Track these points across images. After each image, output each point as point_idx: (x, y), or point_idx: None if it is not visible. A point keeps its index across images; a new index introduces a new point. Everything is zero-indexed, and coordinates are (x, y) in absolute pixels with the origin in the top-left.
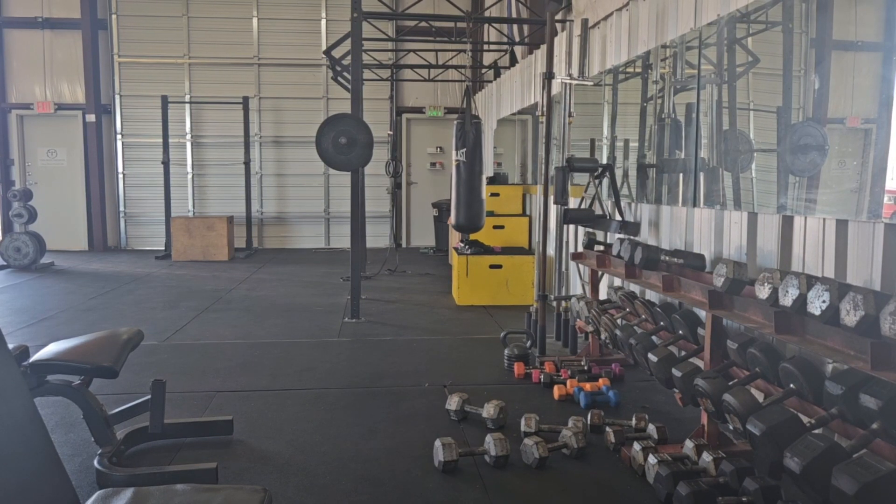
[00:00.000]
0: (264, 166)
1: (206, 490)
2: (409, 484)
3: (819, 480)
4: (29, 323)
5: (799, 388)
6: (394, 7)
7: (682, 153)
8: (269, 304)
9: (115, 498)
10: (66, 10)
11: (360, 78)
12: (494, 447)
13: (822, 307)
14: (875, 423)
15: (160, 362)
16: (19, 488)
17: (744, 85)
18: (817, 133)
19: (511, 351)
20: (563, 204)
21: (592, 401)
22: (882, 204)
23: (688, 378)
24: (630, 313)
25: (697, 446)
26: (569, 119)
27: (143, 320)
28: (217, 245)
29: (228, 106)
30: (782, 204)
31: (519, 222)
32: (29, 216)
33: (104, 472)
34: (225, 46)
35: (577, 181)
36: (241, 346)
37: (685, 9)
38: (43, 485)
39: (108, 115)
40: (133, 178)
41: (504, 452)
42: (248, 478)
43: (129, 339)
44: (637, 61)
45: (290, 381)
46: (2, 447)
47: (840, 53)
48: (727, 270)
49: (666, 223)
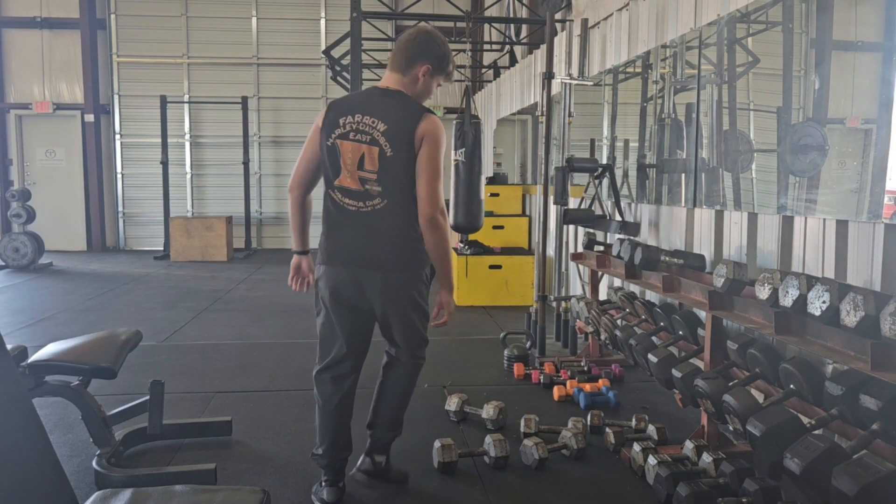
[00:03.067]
0: (263, 166)
1: (205, 491)
2: (408, 484)
3: (819, 481)
4: (27, 323)
5: (799, 388)
6: (393, 7)
7: (683, 153)
8: (268, 305)
9: (113, 499)
10: (64, 10)
11: (360, 78)
12: (494, 448)
13: (822, 308)
14: (875, 424)
15: (159, 363)
16: (17, 489)
17: (744, 85)
18: (817, 133)
19: (511, 352)
20: (563, 204)
21: (592, 401)
22: (882, 204)
23: (688, 379)
24: (630, 314)
25: (697, 447)
26: (568, 119)
27: (142, 321)
28: (216, 245)
29: (227, 106)
30: (782, 204)
31: (518, 222)
32: (27, 216)
33: (103, 472)
34: (224, 46)
35: (577, 181)
36: (240, 347)
37: (685, 9)
38: (41, 485)
39: (106, 115)
40: (132, 178)
41: (503, 453)
42: (247, 479)
43: (127, 340)
44: (637, 61)
45: (289, 382)
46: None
47: (840, 54)
48: (727, 271)
49: (666, 223)
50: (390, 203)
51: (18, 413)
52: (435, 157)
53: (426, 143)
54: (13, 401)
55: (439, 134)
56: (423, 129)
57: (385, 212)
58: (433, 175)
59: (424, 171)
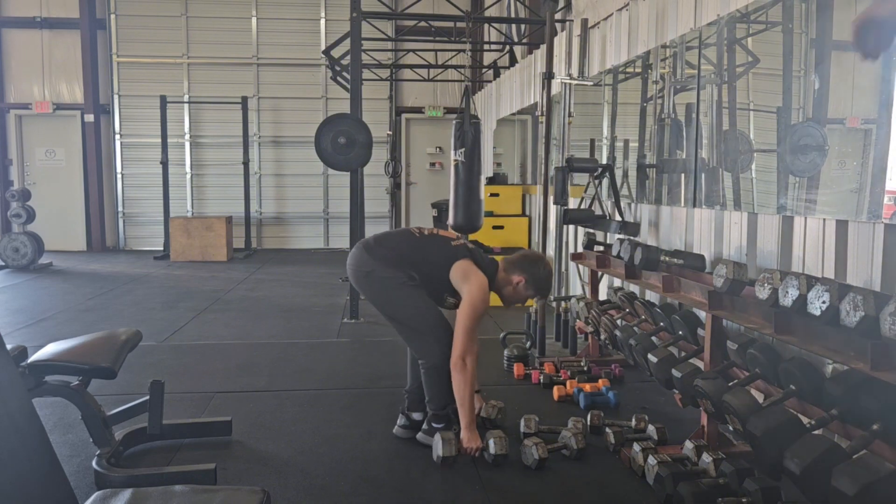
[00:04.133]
0: (263, 166)
1: (205, 491)
2: (408, 485)
3: (819, 481)
4: (27, 323)
5: (799, 388)
6: (393, 7)
7: (682, 153)
8: (268, 305)
9: (113, 499)
10: (64, 10)
11: (360, 78)
12: (494, 445)
13: (822, 308)
14: (875, 424)
15: (159, 363)
16: (17, 489)
17: (744, 85)
18: (817, 133)
19: (510, 352)
20: (563, 204)
21: (592, 402)
22: (882, 204)
23: (687, 379)
24: (630, 314)
25: (697, 447)
26: (568, 119)
27: (142, 321)
28: (216, 245)
29: (227, 106)
30: (782, 204)
31: (518, 223)
32: (27, 216)
33: (102, 472)
34: (224, 46)
35: (577, 181)
36: (240, 347)
37: (685, 9)
38: (41, 485)
39: (106, 115)
40: (131, 178)
41: (503, 451)
42: (247, 479)
43: (127, 340)
44: (637, 61)
45: (288, 382)
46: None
47: (840, 54)
48: (727, 271)
49: (666, 223)
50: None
51: (18, 413)
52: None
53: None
54: (13, 401)
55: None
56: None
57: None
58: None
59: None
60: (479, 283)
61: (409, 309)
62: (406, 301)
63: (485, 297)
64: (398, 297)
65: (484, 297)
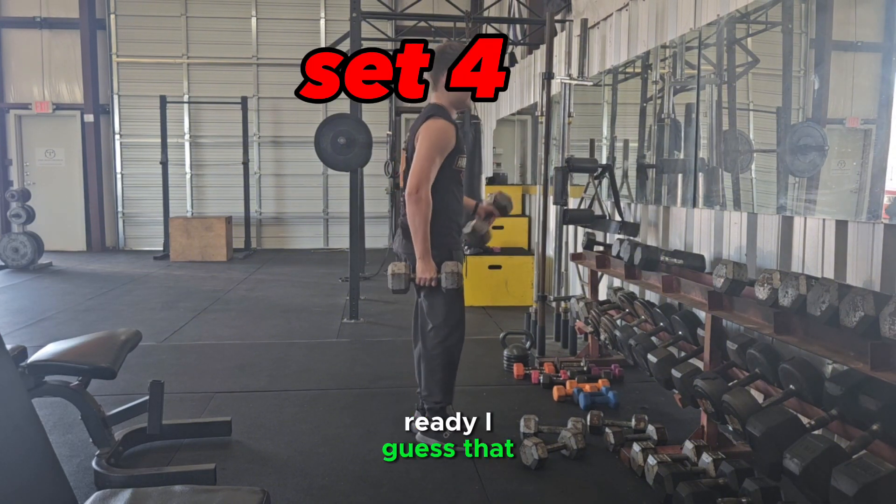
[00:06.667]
0: (263, 166)
1: (205, 491)
2: (408, 485)
3: (819, 481)
4: (27, 323)
5: (798, 389)
6: (393, 7)
7: (682, 154)
8: (268, 305)
9: (113, 499)
10: (64, 10)
11: None
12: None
13: (821, 308)
14: (875, 425)
15: (158, 363)
16: (17, 489)
17: (743, 85)
18: (817, 134)
19: (510, 352)
20: (563, 204)
21: (592, 402)
22: (882, 205)
23: (687, 379)
24: (629, 314)
25: (697, 447)
26: (568, 119)
27: (142, 321)
28: (215, 245)
29: (227, 106)
30: (782, 204)
31: (518, 223)
32: (27, 216)
33: (102, 472)
34: (223, 46)
35: (577, 181)
36: (240, 347)
37: (685, 9)
38: (41, 486)
39: (106, 115)
40: (131, 178)
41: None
42: (247, 479)
43: (127, 340)
44: (637, 61)
45: (288, 382)
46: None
47: (840, 54)
48: (727, 271)
49: (665, 224)
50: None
51: (18, 413)
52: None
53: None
54: (13, 401)
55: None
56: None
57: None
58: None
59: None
60: (429, 123)
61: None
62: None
63: (438, 127)
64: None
65: (437, 128)
